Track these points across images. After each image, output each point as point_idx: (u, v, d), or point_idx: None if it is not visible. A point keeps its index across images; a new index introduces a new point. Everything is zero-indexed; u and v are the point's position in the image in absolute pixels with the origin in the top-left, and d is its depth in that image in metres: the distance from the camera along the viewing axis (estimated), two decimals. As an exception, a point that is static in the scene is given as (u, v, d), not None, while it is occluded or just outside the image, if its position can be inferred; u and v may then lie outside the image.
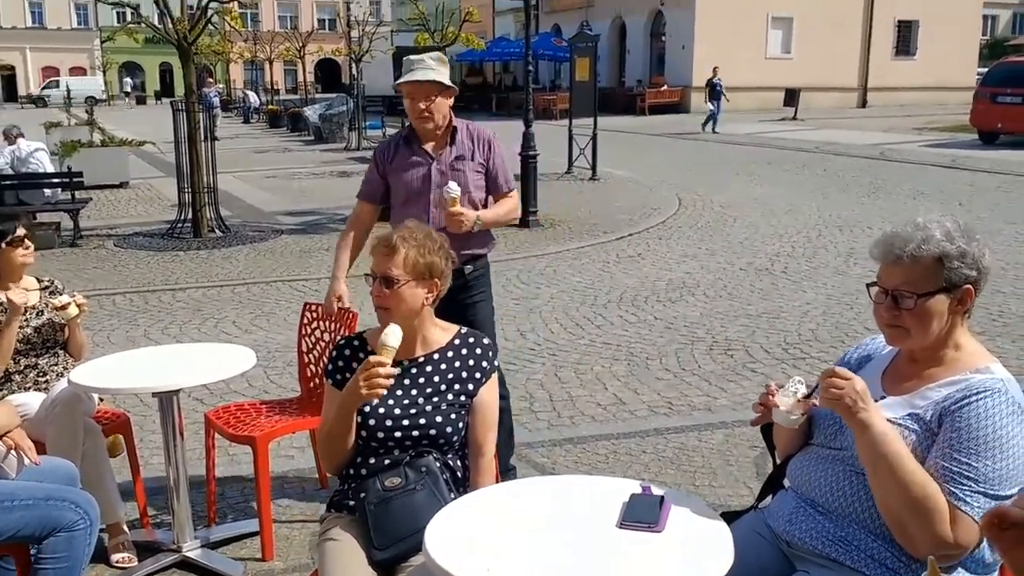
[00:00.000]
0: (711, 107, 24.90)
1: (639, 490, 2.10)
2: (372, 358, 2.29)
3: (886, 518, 1.94)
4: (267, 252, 9.61)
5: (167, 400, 3.20)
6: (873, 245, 2.10)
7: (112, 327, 6.82)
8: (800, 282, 7.83)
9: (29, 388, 3.58)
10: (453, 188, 3.41)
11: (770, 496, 2.35)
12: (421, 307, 2.48)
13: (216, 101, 28.90)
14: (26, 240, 3.59)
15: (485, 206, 3.69)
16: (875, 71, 36.16)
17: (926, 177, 14.51)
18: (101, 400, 3.76)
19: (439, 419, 2.45)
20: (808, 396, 2.04)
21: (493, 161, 3.70)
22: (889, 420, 1.96)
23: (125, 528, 3.50)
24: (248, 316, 7.09)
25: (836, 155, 17.95)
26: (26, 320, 3.55)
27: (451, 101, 3.62)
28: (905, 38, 37.16)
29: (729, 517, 2.21)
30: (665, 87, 34.17)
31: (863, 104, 35.98)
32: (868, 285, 2.11)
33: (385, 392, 2.31)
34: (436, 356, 2.52)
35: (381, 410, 2.44)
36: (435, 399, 2.47)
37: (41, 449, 3.14)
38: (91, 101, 61.81)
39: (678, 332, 6.41)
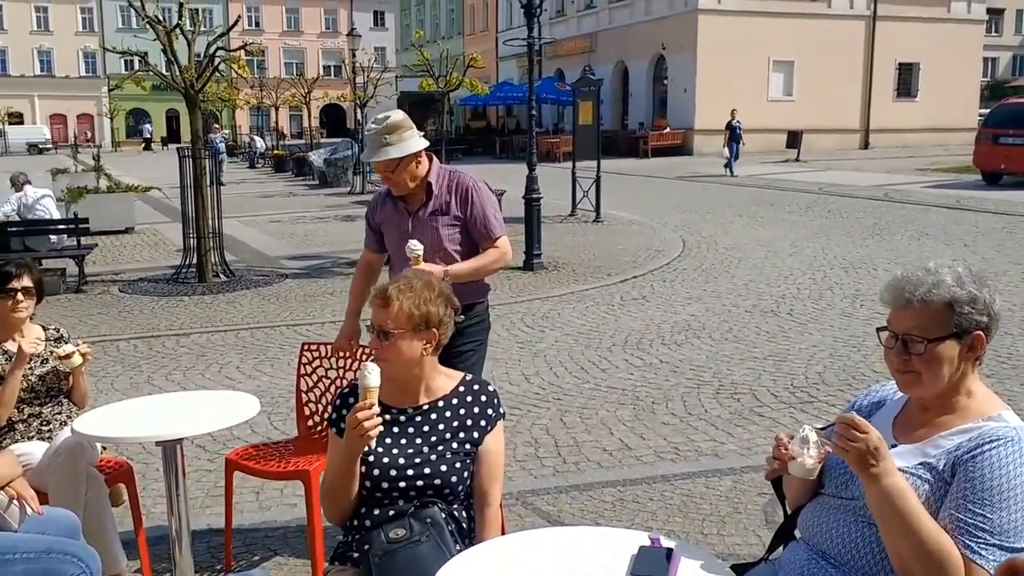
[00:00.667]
0: (726, 153, 24.61)
1: (647, 542, 2.06)
2: (357, 404, 2.28)
3: (898, 571, 1.90)
4: (271, 297, 9.62)
5: (171, 449, 3.17)
6: (883, 289, 2.09)
7: (116, 373, 6.80)
8: (806, 324, 7.80)
9: (32, 437, 3.56)
10: (414, 246, 3.39)
11: (781, 547, 2.31)
12: (420, 357, 2.46)
13: (222, 147, 29.18)
14: (19, 295, 3.55)
15: (466, 255, 3.63)
16: (877, 113, 36.42)
17: (930, 218, 14.53)
18: (104, 448, 3.74)
19: (444, 468, 2.42)
20: (822, 443, 2.01)
21: (472, 211, 3.61)
22: (901, 469, 1.93)
23: (126, 579, 3.45)
24: (252, 361, 7.07)
25: (839, 196, 18.01)
26: (30, 368, 3.54)
27: (417, 161, 3.54)
28: (906, 80, 37.49)
29: (739, 569, 2.17)
30: (667, 129, 34.44)
31: (865, 145, 36.19)
32: (878, 329, 2.10)
33: (376, 435, 2.30)
34: (440, 404, 2.51)
35: (385, 459, 2.42)
36: (440, 448, 2.45)
37: (43, 499, 3.11)
38: (34, 150, 61.86)
39: (684, 376, 6.37)
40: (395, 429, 2.48)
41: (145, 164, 37.58)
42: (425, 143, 3.56)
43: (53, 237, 11.01)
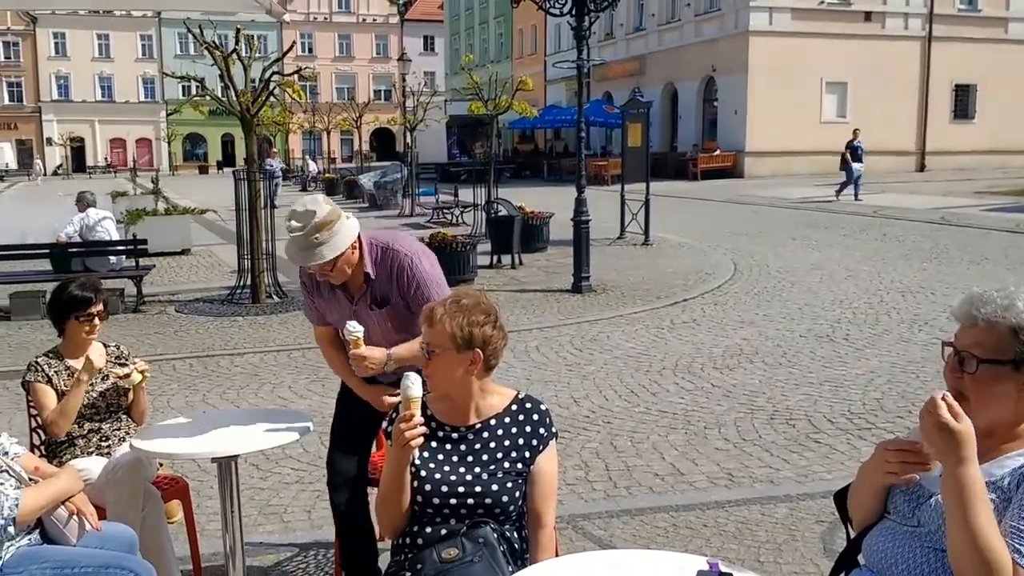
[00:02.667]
0: (845, 175, 22.88)
1: (706, 567, 2.02)
2: (400, 416, 2.34)
3: (952, 564, 1.85)
4: (323, 317, 9.71)
5: (225, 465, 3.20)
6: (957, 304, 2.03)
7: (172, 392, 6.91)
8: (863, 349, 7.64)
9: (92, 452, 3.62)
10: (353, 328, 3.05)
11: (843, 573, 2.24)
12: (464, 376, 2.46)
13: (278, 170, 29.65)
14: (96, 319, 3.65)
15: (412, 331, 3.20)
16: (933, 135, 35.81)
17: (989, 242, 14.20)
18: (161, 465, 3.79)
19: (495, 487, 2.41)
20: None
21: (414, 293, 3.20)
22: None
23: (181, 596, 3.49)
24: (304, 381, 7.13)
25: (895, 219, 17.70)
26: (92, 385, 3.61)
27: (352, 248, 3.15)
28: (963, 102, 36.83)
29: (801, 598, 2.11)
30: (718, 151, 34.24)
31: (921, 168, 35.57)
32: (944, 343, 2.04)
33: (420, 443, 2.35)
34: (493, 422, 2.50)
35: (436, 475, 2.42)
36: (492, 467, 2.43)
37: (101, 514, 3.16)
38: None
39: (737, 400, 6.28)
40: (447, 447, 2.48)
41: (201, 187, 38.38)
42: (356, 227, 3.17)
43: (113, 258, 11.26)
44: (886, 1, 35.01)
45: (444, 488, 2.41)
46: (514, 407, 2.52)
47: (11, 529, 2.54)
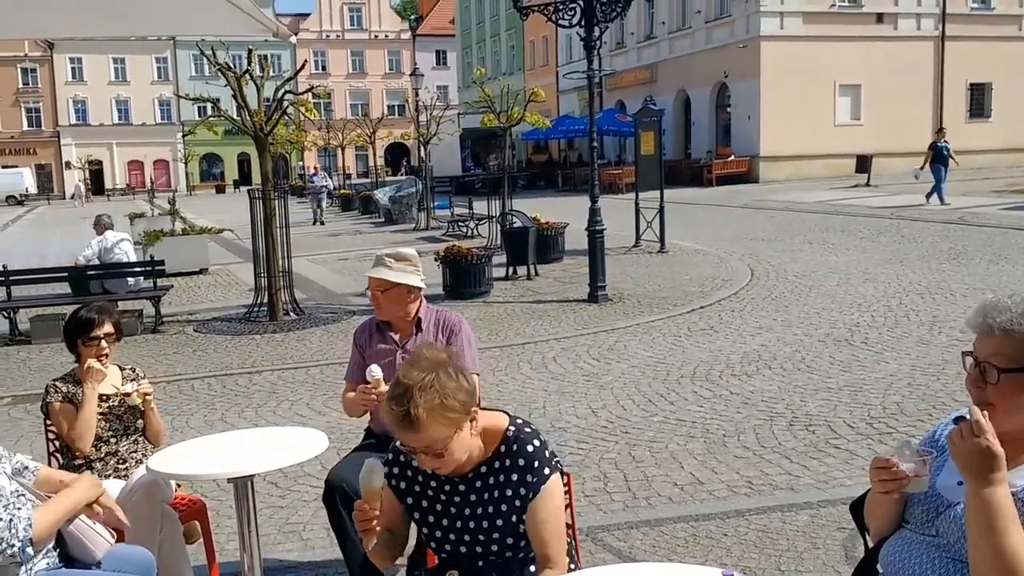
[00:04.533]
0: (916, 173, 21.48)
1: (723, 579, 2.00)
2: (358, 503, 2.33)
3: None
4: (339, 333, 9.74)
5: (242, 486, 3.21)
6: (971, 313, 2.01)
7: (191, 411, 6.94)
8: (882, 353, 7.58)
9: (109, 475, 3.64)
10: (375, 370, 3.44)
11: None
12: (472, 439, 2.30)
13: (322, 187, 29.78)
14: (102, 342, 3.65)
15: None
16: (949, 135, 35.39)
17: (1008, 241, 14.06)
18: (179, 486, 3.80)
19: (496, 535, 2.38)
20: (925, 462, 1.94)
21: (455, 346, 3.64)
22: None
23: (201, 617, 3.49)
24: (322, 398, 7.15)
25: (912, 221, 17.57)
26: (110, 408, 3.64)
27: (410, 295, 3.70)
28: (978, 101, 36.58)
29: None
30: (732, 157, 34.16)
31: (937, 168, 35.30)
32: (964, 353, 2.01)
33: (375, 534, 2.35)
34: (483, 470, 2.38)
35: (445, 522, 2.42)
36: (490, 511, 2.38)
37: (120, 537, 3.16)
38: (12, 201, 63.34)
39: (756, 407, 6.24)
40: (451, 496, 2.42)
41: (218, 206, 38.65)
42: (422, 284, 3.75)
43: (131, 279, 11.35)
44: (898, 2, 34.86)
45: (452, 537, 2.41)
46: (502, 448, 2.36)
47: (29, 550, 2.54)
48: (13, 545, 2.48)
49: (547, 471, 2.34)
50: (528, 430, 2.39)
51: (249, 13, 3.11)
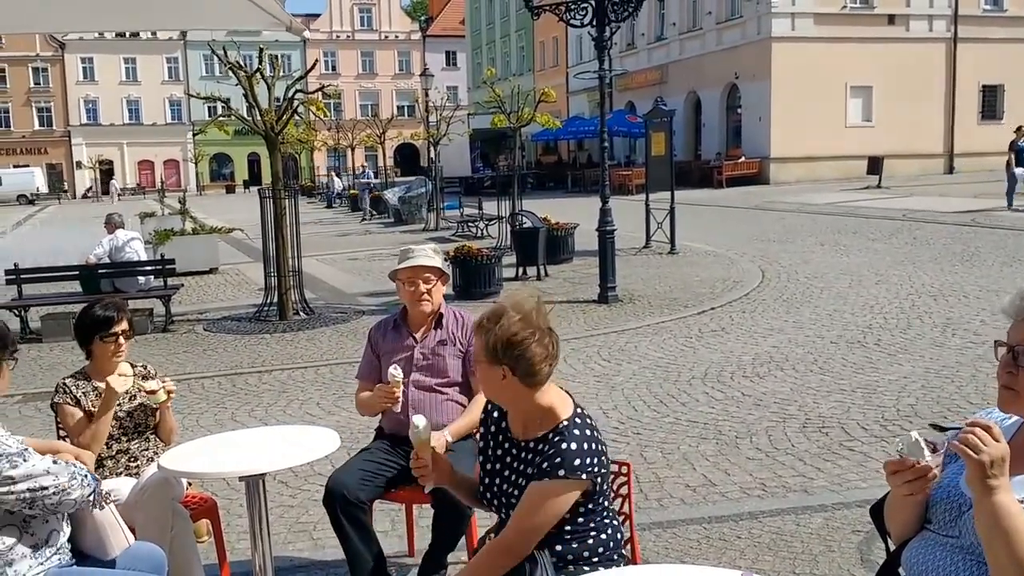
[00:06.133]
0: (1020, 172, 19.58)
1: (741, 582, 1.97)
2: (412, 454, 2.69)
3: None
4: (349, 333, 9.73)
5: (253, 484, 3.19)
6: (1007, 300, 1.99)
7: (201, 410, 6.93)
8: (895, 355, 7.52)
9: (120, 473, 3.62)
10: (395, 372, 3.55)
11: (884, 588, 2.18)
12: (505, 388, 2.48)
13: (369, 181, 30.18)
14: (120, 339, 3.65)
15: (466, 386, 3.77)
16: (961, 136, 35.42)
17: (1021, 243, 13.97)
18: (189, 484, 3.79)
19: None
20: (936, 450, 1.90)
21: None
22: None
23: (211, 616, 3.48)
24: (332, 397, 7.13)
25: (925, 222, 17.48)
26: (119, 405, 3.62)
27: (445, 289, 3.86)
28: (990, 102, 36.38)
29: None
30: (742, 159, 34.07)
31: (950, 170, 35.18)
32: (996, 343, 1.99)
33: (428, 481, 2.71)
34: (532, 445, 2.52)
35: (495, 480, 2.62)
36: (522, 484, 2.52)
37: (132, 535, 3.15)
38: (23, 200, 63.66)
39: (768, 409, 6.19)
40: (507, 457, 2.61)
41: (228, 206, 38.74)
42: (448, 278, 3.93)
43: (141, 278, 11.36)
44: (909, 3, 34.71)
45: (495, 490, 2.61)
46: (550, 435, 2.50)
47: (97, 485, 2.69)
48: (85, 476, 2.63)
49: (561, 472, 2.40)
50: (577, 432, 2.47)
51: (263, 7, 3.09)
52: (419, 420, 2.66)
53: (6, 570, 2.53)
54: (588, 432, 2.49)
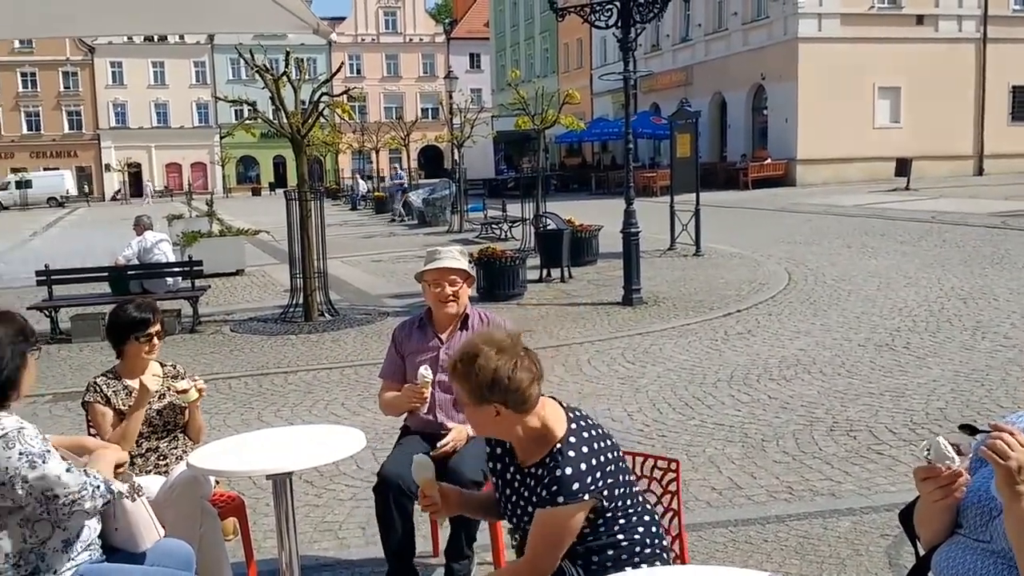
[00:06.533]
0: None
1: (769, 585, 1.96)
2: (420, 493, 2.76)
3: None
4: (374, 334, 9.77)
5: (280, 483, 3.21)
6: None
7: (228, 410, 6.99)
8: (924, 358, 7.44)
9: (150, 471, 3.66)
10: (425, 372, 3.60)
11: (915, 592, 2.16)
12: (498, 423, 2.46)
13: (402, 183, 30.26)
14: (154, 339, 3.71)
15: None
16: (991, 138, 34.95)
17: (1053, 245, 13.78)
18: (217, 483, 3.82)
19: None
20: (961, 452, 1.88)
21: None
22: None
23: (238, 613, 3.50)
24: (356, 398, 7.17)
25: (954, 225, 17.27)
26: (149, 404, 3.66)
27: (470, 291, 3.88)
28: (1021, 103, 35.88)
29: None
30: (769, 160, 33.85)
31: (980, 172, 34.73)
32: None
33: (438, 516, 2.93)
34: (533, 470, 2.51)
35: (508, 506, 2.61)
36: (530, 510, 2.51)
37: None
38: (53, 203, 64.41)
39: (795, 412, 6.15)
40: (513, 482, 2.60)
41: (255, 208, 39.02)
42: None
43: (169, 279, 11.47)
44: (938, 4, 34.34)
45: (510, 512, 2.60)
46: (547, 460, 2.46)
47: (113, 487, 2.72)
48: (98, 487, 2.63)
49: (560, 499, 2.39)
50: (572, 453, 2.43)
51: (290, 9, 3.11)
52: (422, 460, 2.76)
53: (38, 564, 2.57)
54: (585, 449, 2.44)
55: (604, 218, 15.86)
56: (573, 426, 2.49)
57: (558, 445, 2.44)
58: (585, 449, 2.44)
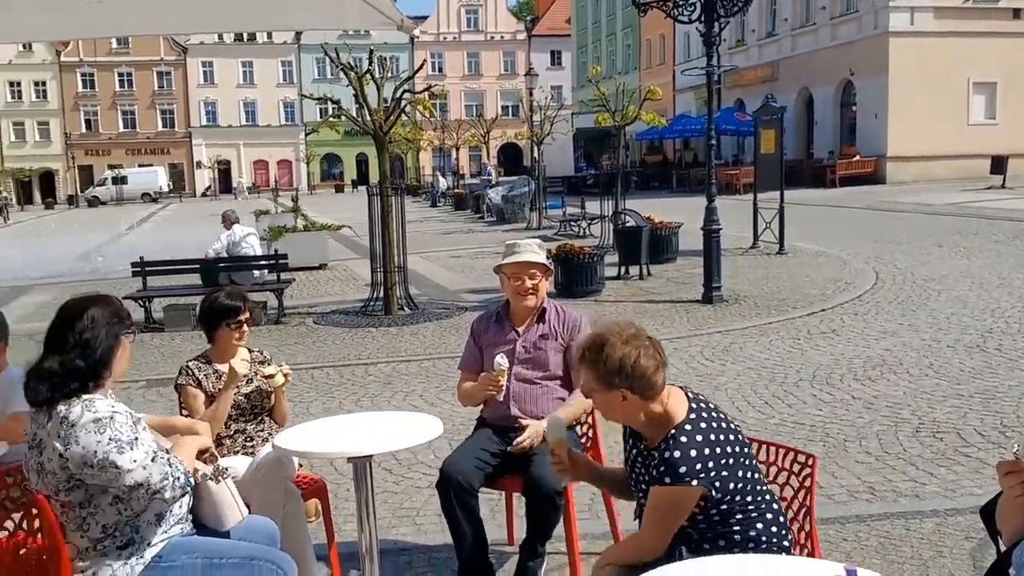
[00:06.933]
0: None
1: (843, 573, 1.95)
2: (549, 451, 2.87)
3: None
4: (452, 328, 9.89)
5: (361, 466, 3.30)
6: None
7: (311, 399, 7.17)
8: (1017, 360, 7.17)
9: (237, 452, 3.80)
10: (501, 361, 3.63)
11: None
12: (624, 408, 2.56)
13: (490, 179, 29.82)
14: (244, 326, 3.86)
15: (566, 380, 3.83)
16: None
17: None
18: (300, 466, 3.94)
19: None
20: None
21: (576, 341, 3.75)
22: None
23: (320, 592, 3.61)
24: (435, 390, 7.27)
25: (1052, 224, 16.58)
26: (238, 389, 3.80)
27: (548, 284, 3.91)
28: (1124, 98, 34.16)
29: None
30: (857, 157, 32.97)
31: (1081, 169, 33.18)
32: None
33: (567, 474, 2.86)
34: (653, 451, 2.58)
35: (634, 481, 2.74)
36: (645, 489, 2.63)
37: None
38: (147, 198, 65.89)
39: (879, 412, 6.01)
40: (637, 460, 2.71)
41: (337, 204, 39.82)
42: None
43: (256, 272, 11.81)
44: (1037, -4, 32.95)
45: (635, 490, 2.73)
46: (662, 444, 2.54)
47: (191, 480, 2.84)
48: (178, 478, 2.73)
49: (668, 480, 2.48)
50: (684, 439, 2.51)
51: (376, 6, 3.19)
52: (557, 419, 2.90)
53: (133, 536, 2.70)
54: (699, 437, 2.50)
55: (685, 216, 15.70)
56: (692, 415, 2.56)
57: (673, 430, 2.53)
58: (699, 438, 2.51)
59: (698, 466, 2.46)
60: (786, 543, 2.61)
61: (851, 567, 1.98)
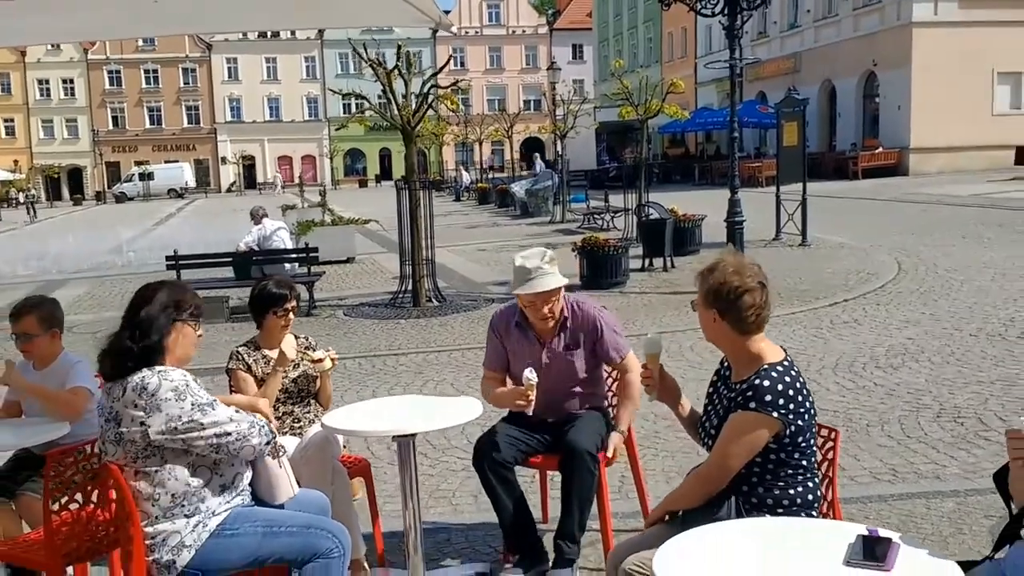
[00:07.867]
0: None
1: (865, 532, 2.11)
2: (641, 365, 3.11)
3: None
4: (480, 320, 10.07)
5: (405, 444, 3.49)
6: None
7: (344, 388, 7.38)
8: (1039, 348, 7.27)
9: (285, 433, 4.01)
10: (531, 375, 3.62)
11: (1007, 546, 2.26)
12: (717, 330, 2.75)
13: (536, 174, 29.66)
14: (290, 314, 4.08)
15: (595, 377, 3.93)
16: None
17: None
18: (345, 446, 4.14)
19: None
20: None
21: (602, 339, 3.85)
22: None
23: (366, 565, 3.81)
24: (465, 379, 7.46)
25: (1078, 214, 16.51)
26: (286, 372, 4.01)
27: (560, 295, 3.81)
28: None
29: (964, 567, 2.16)
30: (880, 149, 32.81)
31: (1107, 160, 32.86)
32: None
33: (654, 389, 3.04)
34: (739, 385, 2.73)
35: (708, 418, 2.89)
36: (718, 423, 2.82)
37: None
38: (173, 194, 66.09)
39: (901, 399, 6.13)
40: (721, 396, 2.85)
41: (362, 199, 40.09)
42: (565, 280, 3.84)
43: (287, 265, 12.06)
44: (1064, -16, 32.60)
45: (707, 425, 2.85)
46: (752, 376, 2.67)
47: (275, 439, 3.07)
48: (263, 426, 2.98)
49: (752, 405, 2.61)
50: (775, 374, 2.65)
51: (416, 4, 3.32)
52: (655, 336, 3.05)
53: (199, 506, 2.90)
54: (788, 379, 2.64)
55: (707, 208, 15.78)
56: (786, 362, 2.71)
57: (766, 366, 2.68)
58: (788, 379, 2.65)
59: (781, 400, 2.60)
60: (813, 513, 2.75)
61: (873, 529, 2.14)
